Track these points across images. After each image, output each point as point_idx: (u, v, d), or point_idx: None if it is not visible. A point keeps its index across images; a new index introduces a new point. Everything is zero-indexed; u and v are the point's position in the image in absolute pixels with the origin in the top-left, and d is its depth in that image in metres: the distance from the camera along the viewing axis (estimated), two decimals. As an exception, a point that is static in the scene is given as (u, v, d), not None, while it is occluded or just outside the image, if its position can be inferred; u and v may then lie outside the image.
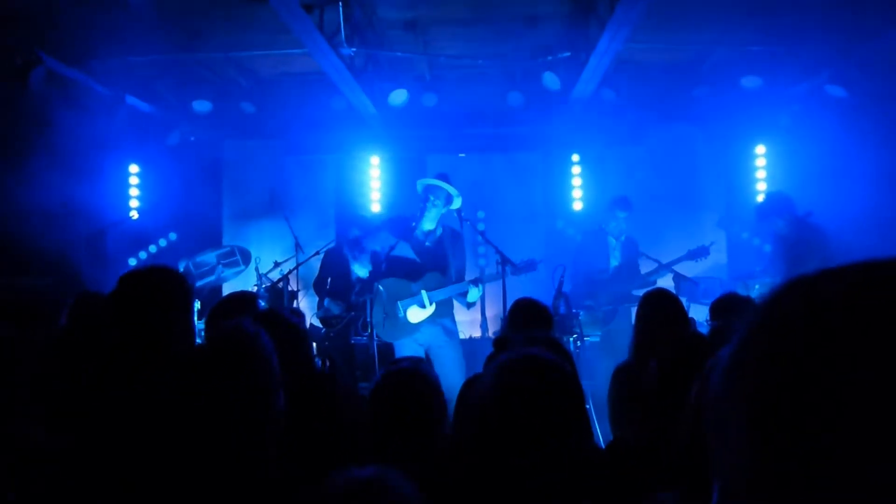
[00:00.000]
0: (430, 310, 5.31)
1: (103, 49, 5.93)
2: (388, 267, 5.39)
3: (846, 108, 6.45)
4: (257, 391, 1.51)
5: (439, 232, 5.49)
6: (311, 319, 6.54)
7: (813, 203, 6.30)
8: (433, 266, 5.40)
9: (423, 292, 5.29)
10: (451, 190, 5.44)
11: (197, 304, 5.52)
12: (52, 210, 6.02)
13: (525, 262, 5.40)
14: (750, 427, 0.54)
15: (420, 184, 5.54)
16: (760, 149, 7.85)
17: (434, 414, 2.11)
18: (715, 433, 0.58)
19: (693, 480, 1.45)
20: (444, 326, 5.39)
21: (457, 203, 5.47)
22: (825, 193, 6.44)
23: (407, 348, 5.25)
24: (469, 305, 5.50)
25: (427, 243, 5.45)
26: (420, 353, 5.25)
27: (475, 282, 5.35)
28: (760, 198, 7.81)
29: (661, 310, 3.23)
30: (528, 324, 3.43)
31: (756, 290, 6.14)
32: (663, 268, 6.35)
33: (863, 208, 6.05)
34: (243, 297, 3.36)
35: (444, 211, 5.44)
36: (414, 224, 5.44)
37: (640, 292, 6.42)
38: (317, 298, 6.88)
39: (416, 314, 5.34)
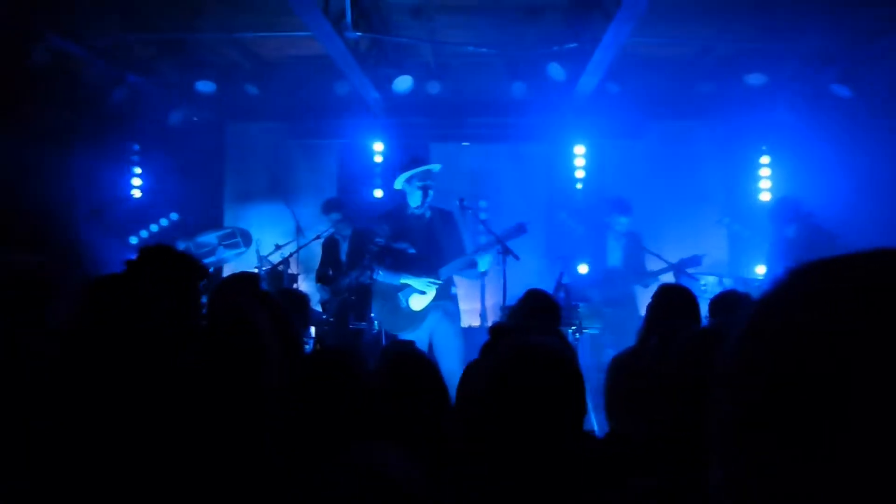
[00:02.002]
0: (431, 294, 5.33)
1: (106, 26, 5.90)
2: (387, 259, 5.40)
3: (851, 107, 6.43)
4: (256, 371, 1.52)
5: (428, 215, 5.52)
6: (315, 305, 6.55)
7: (816, 203, 6.30)
8: (428, 249, 5.43)
9: (426, 278, 5.31)
10: (434, 167, 5.49)
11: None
12: (53, 186, 6.00)
13: (514, 227, 5.30)
14: (756, 411, 0.53)
15: (401, 179, 5.49)
16: (764, 147, 7.83)
17: (432, 393, 2.12)
18: (716, 419, 0.58)
19: (671, 466, 1.45)
20: (445, 310, 5.40)
21: (435, 168, 5.52)
22: (829, 193, 6.44)
23: (412, 335, 5.24)
24: (482, 275, 5.49)
25: (420, 229, 5.49)
26: (424, 339, 5.25)
27: (483, 248, 5.30)
28: (764, 196, 7.81)
29: (671, 303, 3.24)
30: (535, 315, 3.43)
31: (756, 288, 6.15)
32: (653, 275, 6.38)
33: (868, 208, 6.04)
34: (245, 277, 3.37)
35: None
36: (416, 211, 5.46)
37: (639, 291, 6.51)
38: (318, 284, 6.90)
39: (418, 301, 5.37)
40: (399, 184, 5.53)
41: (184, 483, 1.47)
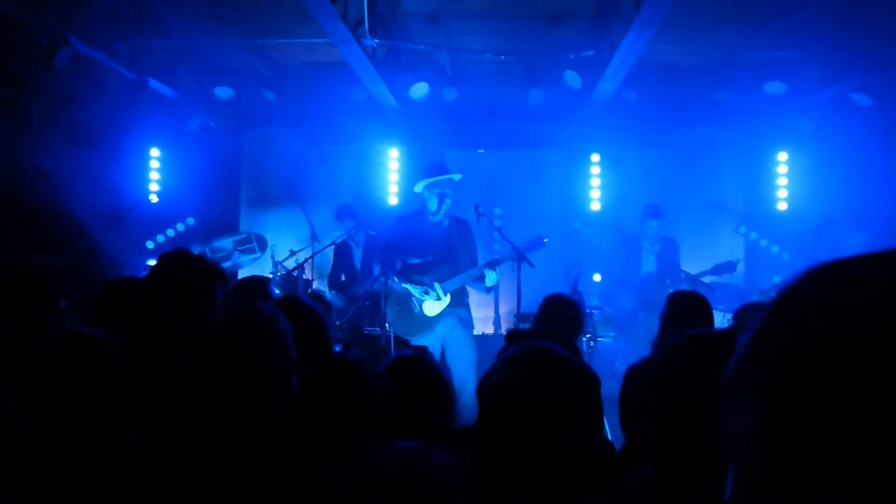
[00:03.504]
0: (446, 301, 5.33)
1: (128, 33, 5.98)
2: (402, 263, 5.41)
3: (871, 116, 6.37)
4: (271, 370, 1.52)
5: (445, 223, 5.53)
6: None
7: (835, 212, 6.23)
8: (443, 258, 5.43)
9: (437, 284, 5.31)
10: (455, 177, 5.50)
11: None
12: (73, 190, 6.07)
13: (531, 241, 5.29)
14: (767, 407, 0.53)
15: (421, 184, 5.52)
16: (782, 155, 7.77)
17: (437, 400, 2.12)
18: (728, 417, 0.57)
19: (669, 455, 1.44)
20: (459, 317, 5.39)
21: (456, 178, 5.52)
22: (848, 202, 6.37)
23: (423, 340, 5.24)
24: (488, 290, 5.49)
25: (437, 236, 5.50)
26: (437, 344, 5.25)
27: (491, 265, 5.29)
28: (781, 205, 7.74)
29: (684, 311, 3.21)
30: (556, 320, 3.43)
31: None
32: (690, 279, 6.37)
33: (886, 218, 5.97)
34: (256, 282, 3.41)
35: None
36: (430, 218, 5.48)
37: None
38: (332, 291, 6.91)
39: (431, 307, 5.37)
40: (419, 188, 5.55)
41: (181, 480, 1.48)
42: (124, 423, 1.70)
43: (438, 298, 5.33)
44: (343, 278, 6.79)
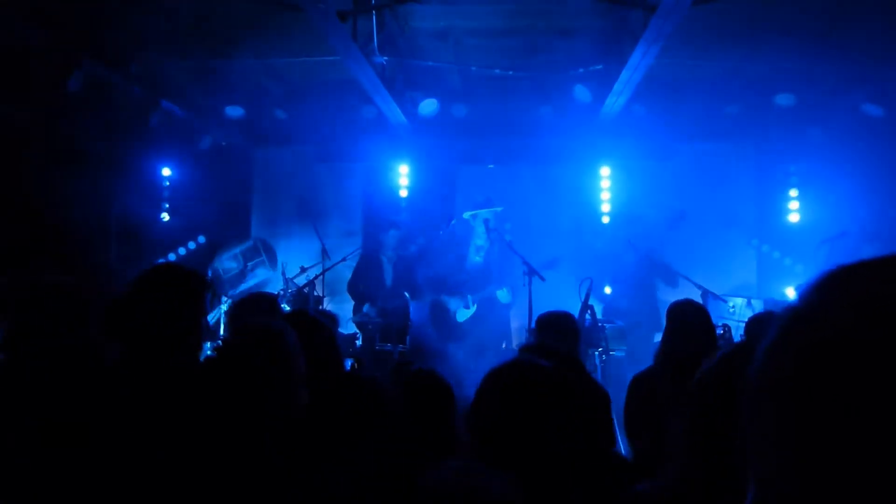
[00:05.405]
0: (473, 309, 6.21)
1: (141, 53, 6.05)
2: (447, 282, 6.25)
3: (883, 126, 6.33)
4: (281, 384, 1.53)
5: (487, 246, 6.35)
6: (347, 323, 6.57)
7: (847, 223, 6.18)
8: (479, 274, 6.28)
9: (468, 295, 6.18)
10: (498, 209, 6.39)
11: (225, 304, 5.60)
12: (85, 209, 6.13)
13: (547, 261, 5.90)
14: (792, 413, 0.52)
15: (472, 213, 6.37)
16: (793, 167, 7.74)
17: (445, 413, 2.13)
18: (751, 425, 0.57)
19: (672, 470, 1.43)
20: (489, 329, 6.15)
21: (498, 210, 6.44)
22: (860, 213, 6.32)
23: (456, 346, 5.87)
24: (506, 307, 6.33)
25: (478, 258, 6.37)
26: (467, 349, 5.83)
27: (498, 284, 6.13)
28: (793, 217, 7.70)
29: (685, 320, 3.17)
30: (553, 336, 3.41)
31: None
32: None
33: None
34: (263, 297, 3.43)
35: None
36: (474, 241, 6.31)
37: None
38: (349, 303, 6.89)
39: (462, 314, 6.25)
40: (467, 215, 6.36)
41: (180, 480, 1.48)
42: (117, 425, 1.71)
43: (467, 307, 6.18)
44: (360, 289, 6.76)
